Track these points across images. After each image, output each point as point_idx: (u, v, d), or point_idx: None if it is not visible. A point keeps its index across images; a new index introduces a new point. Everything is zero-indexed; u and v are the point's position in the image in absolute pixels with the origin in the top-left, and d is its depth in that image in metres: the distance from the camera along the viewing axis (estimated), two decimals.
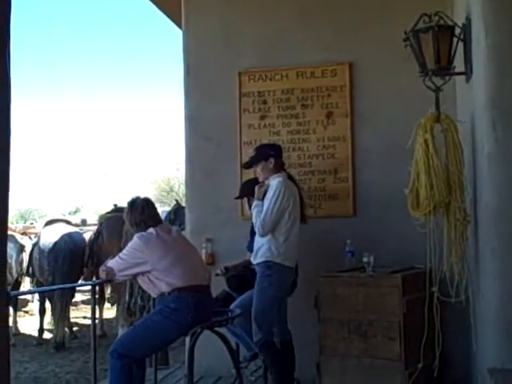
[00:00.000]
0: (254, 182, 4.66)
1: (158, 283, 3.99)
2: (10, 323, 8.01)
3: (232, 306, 4.62)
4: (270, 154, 4.58)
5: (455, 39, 4.00)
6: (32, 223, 14.64)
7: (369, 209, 5.30)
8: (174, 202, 10.81)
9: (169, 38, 37.03)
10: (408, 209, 4.05)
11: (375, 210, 5.26)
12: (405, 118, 4.74)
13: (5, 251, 2.63)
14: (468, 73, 4.08)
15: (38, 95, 48.85)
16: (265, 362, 4.44)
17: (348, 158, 5.39)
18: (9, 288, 3.47)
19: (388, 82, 5.32)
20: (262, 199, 4.46)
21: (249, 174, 4.86)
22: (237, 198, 5.06)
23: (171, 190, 23.40)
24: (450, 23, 3.99)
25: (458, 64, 4.08)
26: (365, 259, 4.71)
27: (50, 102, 50.18)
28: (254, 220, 4.47)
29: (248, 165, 4.86)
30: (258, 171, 4.63)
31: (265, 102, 5.59)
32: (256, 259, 4.47)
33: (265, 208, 4.38)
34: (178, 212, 9.65)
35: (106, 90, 49.38)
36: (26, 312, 11.32)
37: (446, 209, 3.95)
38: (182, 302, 3.94)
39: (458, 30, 4.02)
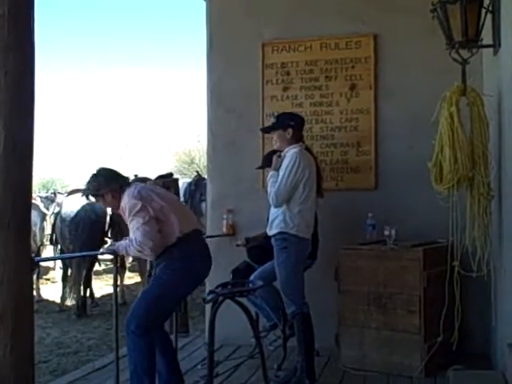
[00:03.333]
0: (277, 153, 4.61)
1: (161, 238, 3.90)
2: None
3: (252, 277, 4.63)
4: (289, 124, 4.50)
5: (483, 11, 3.93)
6: (53, 193, 14.73)
7: (391, 182, 5.27)
8: (195, 174, 10.83)
9: (192, 9, 36.71)
10: (431, 183, 4.03)
11: (397, 184, 5.23)
12: (430, 90, 4.68)
13: (29, 218, 2.68)
14: (496, 45, 4.02)
15: (58, 64, 48.83)
16: (295, 334, 4.41)
17: (371, 131, 5.36)
18: (32, 255, 3.51)
19: (413, 54, 5.25)
20: (278, 170, 4.42)
21: (271, 146, 4.83)
22: (258, 168, 5.02)
23: (192, 161, 23.40)
24: None
25: (486, 36, 4.02)
26: (386, 232, 4.71)
27: (72, 72, 50.20)
28: (268, 190, 4.43)
29: (266, 130, 4.83)
30: (275, 138, 4.55)
31: (288, 74, 5.56)
32: (271, 230, 4.43)
33: (279, 178, 4.33)
34: (198, 183, 9.69)
35: (128, 60, 49.15)
36: (48, 279, 11.48)
37: (469, 183, 3.94)
38: (186, 247, 3.92)
39: (486, 1, 3.95)
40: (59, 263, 10.57)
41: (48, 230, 9.64)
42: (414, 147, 5.11)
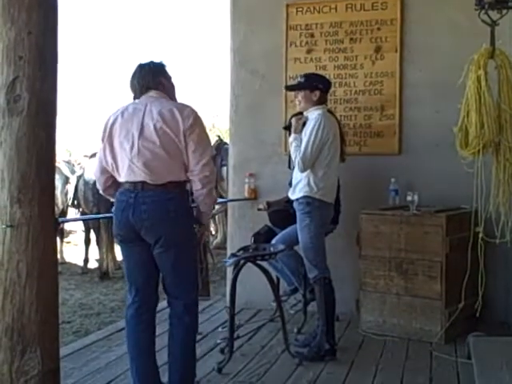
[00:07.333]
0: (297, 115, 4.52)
1: None
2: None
3: (273, 241, 4.62)
4: (317, 86, 4.40)
5: None
6: (75, 160, 14.79)
7: (415, 147, 5.20)
8: (216, 138, 10.78)
9: None
10: (456, 148, 3.97)
11: (422, 149, 5.16)
12: (457, 53, 4.59)
13: (53, 179, 2.69)
14: None
15: (81, 30, 48.57)
16: (315, 299, 4.41)
17: (395, 95, 5.26)
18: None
19: (441, 15, 5.11)
20: (299, 133, 4.35)
21: (294, 109, 4.77)
22: (284, 128, 4.90)
23: (213, 126, 23.41)
24: None
25: None
26: (409, 198, 4.67)
27: (92, 37, 49.93)
28: (292, 155, 4.34)
29: (291, 88, 4.63)
30: (299, 98, 4.42)
31: (312, 36, 5.46)
32: (294, 194, 4.36)
33: (304, 141, 4.23)
34: (220, 148, 9.64)
35: (148, 24, 48.71)
36: (69, 242, 11.61)
37: (495, 148, 3.87)
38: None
39: None
40: (81, 226, 10.68)
41: (71, 194, 9.70)
42: (439, 111, 5.03)
